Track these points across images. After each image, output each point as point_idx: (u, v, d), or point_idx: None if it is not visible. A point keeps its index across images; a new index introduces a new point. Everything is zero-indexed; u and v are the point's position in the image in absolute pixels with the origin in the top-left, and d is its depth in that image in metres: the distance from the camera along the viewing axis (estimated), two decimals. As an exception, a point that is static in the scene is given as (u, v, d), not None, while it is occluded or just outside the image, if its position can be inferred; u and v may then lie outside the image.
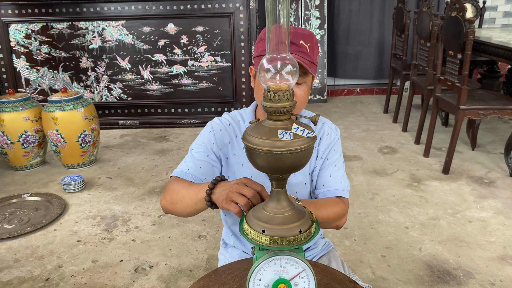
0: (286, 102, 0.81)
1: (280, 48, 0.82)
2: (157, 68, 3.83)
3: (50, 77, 3.84)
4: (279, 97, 0.81)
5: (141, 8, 3.66)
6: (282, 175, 0.86)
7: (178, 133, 3.79)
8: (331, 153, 1.25)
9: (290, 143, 0.78)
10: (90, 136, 3.00)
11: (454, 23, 2.70)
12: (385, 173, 2.91)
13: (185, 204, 1.00)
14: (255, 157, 0.81)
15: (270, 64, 0.82)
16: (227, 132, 1.23)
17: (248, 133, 0.83)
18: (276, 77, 0.82)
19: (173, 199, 1.03)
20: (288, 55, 0.82)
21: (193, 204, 0.97)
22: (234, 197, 0.85)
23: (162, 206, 1.08)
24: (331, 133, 1.27)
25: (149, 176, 2.93)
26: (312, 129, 0.84)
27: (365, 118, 4.11)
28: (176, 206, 1.02)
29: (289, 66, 0.81)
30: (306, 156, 0.82)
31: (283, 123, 0.82)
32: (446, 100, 2.89)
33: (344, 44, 4.77)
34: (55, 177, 2.95)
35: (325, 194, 1.19)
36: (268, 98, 0.82)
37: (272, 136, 0.80)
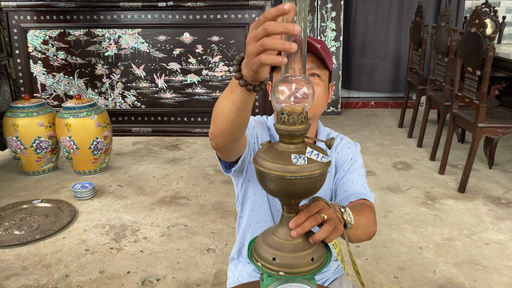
0: (300, 125, 0.78)
1: (295, 68, 0.79)
2: (172, 76, 3.83)
3: (65, 83, 3.87)
4: (293, 120, 0.78)
5: (157, 17, 3.68)
6: (294, 200, 0.83)
7: (190, 142, 3.78)
8: (351, 163, 1.23)
9: (304, 168, 0.75)
10: (102, 143, 3.00)
11: (473, 39, 2.64)
12: (399, 189, 2.85)
13: (222, 107, 0.84)
14: (267, 182, 0.78)
15: (284, 85, 0.79)
16: (259, 128, 1.23)
17: (259, 156, 0.80)
18: (290, 98, 0.80)
19: (215, 114, 0.88)
20: (304, 77, 0.79)
21: (230, 100, 0.81)
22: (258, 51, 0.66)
23: (210, 136, 0.94)
24: (352, 147, 1.26)
25: (159, 185, 2.92)
26: (326, 153, 0.81)
27: (380, 132, 4.05)
28: (218, 118, 0.87)
29: (305, 88, 0.78)
30: (320, 182, 0.79)
31: (297, 146, 0.79)
32: (463, 117, 2.83)
33: (359, 56, 4.72)
34: (66, 184, 2.95)
35: (348, 198, 1.16)
36: (282, 121, 0.79)
37: (285, 160, 0.76)
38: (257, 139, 1.21)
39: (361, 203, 1.14)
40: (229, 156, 1.06)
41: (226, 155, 1.05)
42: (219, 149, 0.97)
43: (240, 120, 0.85)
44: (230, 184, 2.89)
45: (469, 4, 4.46)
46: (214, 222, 2.44)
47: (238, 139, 0.94)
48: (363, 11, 4.58)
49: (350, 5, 4.58)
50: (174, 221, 2.45)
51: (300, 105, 0.80)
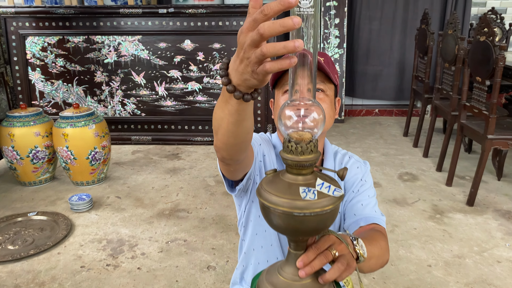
0: (309, 154, 0.70)
1: (303, 90, 0.71)
2: (172, 84, 3.76)
3: (64, 91, 3.80)
4: (301, 149, 0.70)
5: (158, 24, 3.61)
6: (302, 237, 0.75)
7: (190, 151, 3.70)
8: (361, 184, 1.16)
9: (314, 204, 0.67)
10: (100, 153, 2.92)
11: (482, 48, 2.57)
12: (406, 202, 2.76)
13: (220, 119, 0.75)
14: (272, 217, 0.70)
15: (292, 110, 0.71)
16: (265, 146, 1.15)
17: (264, 187, 0.72)
18: (298, 125, 0.72)
19: (215, 127, 0.80)
20: (314, 101, 0.71)
21: (226, 111, 0.71)
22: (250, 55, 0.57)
23: (215, 148, 0.86)
24: (361, 166, 1.18)
25: (159, 196, 2.84)
26: (339, 185, 0.73)
27: (384, 141, 3.97)
28: (218, 131, 0.79)
29: (314, 113, 0.70)
30: (332, 218, 0.71)
31: (305, 178, 0.71)
32: (472, 128, 2.75)
33: (363, 63, 4.65)
34: (63, 195, 2.87)
35: (358, 223, 1.08)
36: (289, 149, 0.71)
37: (292, 193, 0.68)
38: (264, 157, 1.14)
39: (372, 229, 1.06)
40: (236, 171, 0.98)
41: (233, 169, 0.97)
42: (226, 161, 0.89)
43: (243, 130, 0.76)
44: (231, 196, 2.81)
45: (475, 11, 4.39)
46: (214, 237, 2.35)
47: (245, 149, 0.86)
48: (367, 18, 4.51)
49: (354, 12, 4.51)
50: (173, 236, 2.36)
51: (309, 131, 0.72)
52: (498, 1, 4.33)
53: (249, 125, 0.77)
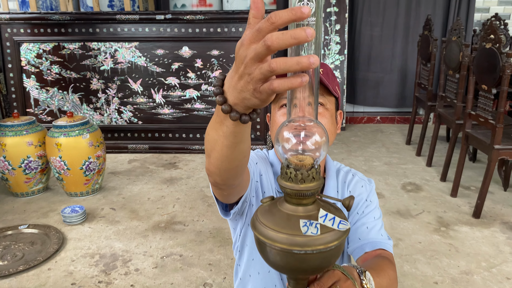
0: (311, 182, 0.62)
1: (303, 106, 0.63)
2: (170, 91, 3.68)
3: (59, 98, 3.72)
4: (302, 176, 0.61)
5: (155, 30, 3.54)
6: (303, 275, 0.67)
7: (188, 160, 3.62)
8: (366, 204, 1.07)
9: (316, 240, 0.59)
10: (95, 163, 2.84)
11: (488, 56, 2.49)
12: (410, 214, 2.67)
13: (213, 141, 0.67)
14: (269, 254, 0.62)
15: (290, 132, 0.63)
16: (262, 164, 1.07)
17: (259, 219, 0.64)
18: (298, 148, 0.63)
19: (207, 149, 0.72)
20: (316, 122, 0.63)
21: (220, 133, 0.63)
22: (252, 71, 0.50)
23: (207, 172, 0.78)
24: (366, 185, 1.10)
25: (154, 208, 2.75)
26: (343, 215, 0.64)
27: (387, 150, 3.88)
28: (211, 154, 0.70)
29: (316, 136, 0.62)
30: (336, 255, 0.62)
31: (306, 209, 0.63)
32: (477, 138, 2.66)
33: (364, 70, 4.57)
34: (56, 206, 2.79)
35: (363, 248, 1.00)
36: (288, 177, 0.63)
37: (291, 227, 0.60)
38: (261, 177, 1.05)
39: (379, 255, 0.98)
40: (230, 195, 0.90)
41: (228, 193, 0.88)
42: (219, 187, 0.81)
43: (238, 154, 0.68)
44: (229, 208, 2.72)
45: (478, 17, 4.32)
46: (211, 251, 2.26)
47: (240, 174, 0.77)
48: (368, 24, 4.44)
49: (355, 18, 4.44)
50: (169, 250, 2.27)
51: (310, 155, 0.63)
52: (502, 7, 4.26)
53: (245, 148, 0.68)
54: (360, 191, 1.08)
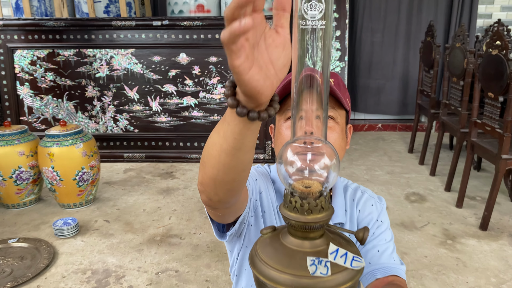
0: (319, 213, 0.53)
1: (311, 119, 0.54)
2: (167, 99, 3.60)
3: (54, 106, 3.64)
4: (309, 206, 0.53)
5: (152, 37, 3.46)
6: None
7: (185, 169, 3.53)
8: (377, 225, 0.99)
9: (327, 281, 0.50)
10: (88, 174, 2.75)
11: (495, 62, 2.41)
12: (414, 226, 2.58)
13: (211, 145, 0.60)
14: (270, 298, 0.53)
15: (295, 154, 0.54)
16: (262, 181, 0.97)
17: (258, 255, 0.54)
18: (303, 172, 0.55)
19: (203, 157, 0.64)
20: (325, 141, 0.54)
21: (221, 134, 0.57)
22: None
23: (199, 187, 0.69)
24: (376, 203, 1.01)
25: (150, 220, 2.66)
26: (356, 249, 0.56)
27: (389, 158, 3.79)
28: (206, 161, 0.62)
29: (326, 158, 0.53)
30: (349, 298, 0.53)
31: (314, 243, 0.54)
32: (484, 147, 2.58)
33: (365, 77, 4.50)
34: (48, 218, 2.69)
35: (374, 274, 0.91)
36: (292, 206, 0.54)
37: (297, 266, 0.51)
38: (260, 195, 0.96)
39: (391, 283, 0.89)
40: (225, 215, 0.81)
41: (222, 214, 0.79)
42: (212, 205, 0.71)
43: (237, 164, 0.60)
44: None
45: (481, 23, 4.25)
46: (208, 267, 2.17)
47: (236, 191, 0.68)
48: (369, 30, 4.37)
49: (355, 24, 4.38)
50: (164, 266, 2.18)
51: (318, 179, 0.55)
52: (504, 13, 4.20)
53: (246, 159, 0.60)
54: (370, 210, 0.99)
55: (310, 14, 0.47)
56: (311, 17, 0.47)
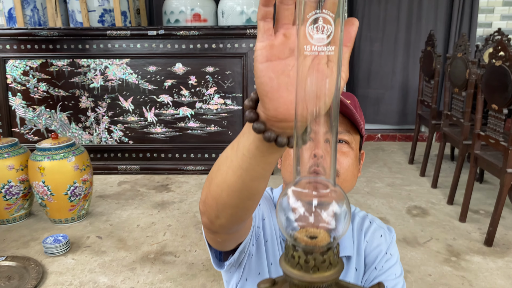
0: (327, 271, 0.45)
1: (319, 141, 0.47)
2: (162, 110, 3.53)
3: (47, 117, 3.56)
4: (315, 263, 0.45)
5: (147, 46, 3.39)
6: None
7: (181, 181, 3.44)
8: (386, 258, 0.91)
9: None
10: (81, 188, 2.66)
11: (498, 74, 2.35)
12: (417, 242, 2.50)
13: (223, 159, 0.54)
14: None
15: (299, 200, 0.47)
16: (265, 205, 0.90)
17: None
18: (308, 219, 0.47)
19: (212, 171, 0.57)
20: (335, 185, 0.46)
21: (234, 149, 0.52)
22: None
23: (200, 208, 0.62)
24: (385, 234, 0.93)
25: (144, 236, 2.57)
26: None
27: (389, 170, 3.72)
28: (213, 177, 0.56)
29: (335, 205, 0.46)
30: None
31: (321, 304, 0.46)
32: (488, 160, 2.51)
33: (364, 86, 4.44)
34: (38, 234, 2.60)
35: None
36: (295, 261, 0.46)
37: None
38: (263, 222, 0.88)
39: None
40: (225, 241, 0.73)
41: (222, 240, 0.71)
42: (213, 229, 0.64)
43: (242, 188, 0.53)
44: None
45: (480, 32, 4.21)
46: (204, 287, 2.08)
47: (241, 218, 0.61)
48: (368, 39, 4.32)
49: (354, 33, 4.32)
50: (157, 286, 2.09)
51: (326, 226, 0.47)
52: (504, 22, 4.16)
53: (254, 187, 0.54)
54: (379, 242, 0.92)
55: (317, 38, 0.39)
56: (318, 42, 0.39)
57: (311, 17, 0.38)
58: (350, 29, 0.44)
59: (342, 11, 0.39)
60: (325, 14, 0.37)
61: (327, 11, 0.37)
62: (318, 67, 0.41)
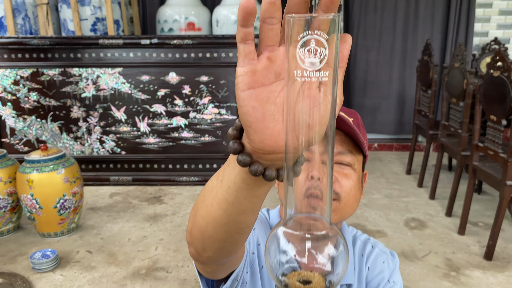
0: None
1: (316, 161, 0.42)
2: (155, 119, 3.47)
3: (37, 127, 3.49)
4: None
5: (140, 55, 3.34)
6: None
7: (174, 193, 3.37)
8: (389, 286, 0.86)
9: None
10: (70, 201, 2.59)
11: (497, 84, 2.31)
12: (415, 256, 2.44)
13: (209, 189, 0.50)
14: None
15: (290, 242, 0.41)
16: (260, 229, 0.84)
17: None
18: (300, 261, 0.42)
19: (198, 201, 0.53)
20: (332, 226, 0.41)
21: (220, 179, 0.47)
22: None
23: (187, 238, 0.57)
24: (388, 260, 0.87)
25: (135, 251, 2.50)
26: None
27: (386, 180, 3.67)
28: (199, 208, 0.51)
29: (330, 247, 0.41)
30: None
31: None
32: (487, 172, 2.46)
33: (360, 96, 4.40)
34: (26, 249, 2.52)
35: None
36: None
37: None
38: (258, 247, 0.82)
39: None
40: (216, 271, 0.67)
41: (212, 270, 0.65)
42: (200, 260, 0.58)
43: (228, 222, 0.48)
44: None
45: (477, 41, 4.18)
46: (196, 305, 2.01)
47: (229, 252, 0.56)
48: (364, 48, 4.28)
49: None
50: (148, 304, 2.02)
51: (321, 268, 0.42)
52: (501, 31, 4.14)
53: (242, 221, 0.49)
54: (381, 268, 0.86)
55: (309, 62, 0.34)
56: (310, 67, 0.34)
57: (301, 38, 0.32)
58: (342, 47, 0.39)
59: (338, 31, 0.33)
60: (318, 35, 0.32)
61: (319, 31, 0.32)
62: (309, 92, 0.36)
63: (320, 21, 0.31)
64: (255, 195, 0.46)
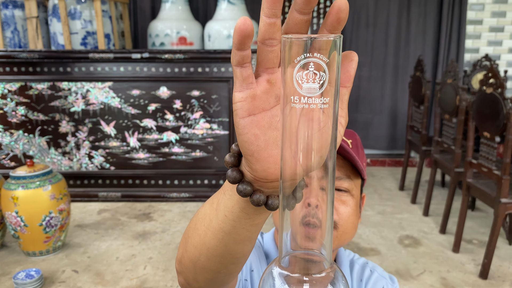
0: None
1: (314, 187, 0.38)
2: (146, 134, 3.41)
3: (25, 142, 3.41)
4: None
5: (131, 70, 3.30)
6: None
7: (164, 210, 3.31)
8: None
9: None
10: (57, 218, 2.52)
11: (490, 101, 2.30)
12: (410, 275, 2.40)
13: (201, 216, 0.46)
14: None
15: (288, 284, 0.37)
16: (254, 255, 0.79)
17: None
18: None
19: (189, 228, 0.49)
20: (330, 267, 0.37)
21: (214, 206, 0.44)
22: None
23: (176, 267, 0.53)
24: (387, 285, 0.84)
25: (123, 270, 2.42)
26: None
27: (379, 196, 3.63)
28: (190, 235, 0.48)
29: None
30: None
31: None
32: (481, 189, 2.44)
33: (353, 111, 4.39)
34: (10, 269, 2.44)
35: None
36: None
37: None
38: (251, 274, 0.78)
39: None
40: None
41: None
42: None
43: (224, 253, 0.45)
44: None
45: (468, 57, 4.21)
46: (185, 328, 1.93)
47: (222, 283, 0.52)
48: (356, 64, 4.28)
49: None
50: (135, 327, 1.94)
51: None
52: (491, 48, 4.17)
53: (239, 250, 0.45)
54: None
55: (307, 88, 0.30)
56: (308, 93, 0.30)
57: (299, 61, 0.28)
58: (348, 66, 0.36)
59: (339, 52, 0.29)
60: (317, 58, 0.28)
61: (319, 54, 0.28)
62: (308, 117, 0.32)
63: (320, 42, 0.28)
64: (253, 224, 0.42)
